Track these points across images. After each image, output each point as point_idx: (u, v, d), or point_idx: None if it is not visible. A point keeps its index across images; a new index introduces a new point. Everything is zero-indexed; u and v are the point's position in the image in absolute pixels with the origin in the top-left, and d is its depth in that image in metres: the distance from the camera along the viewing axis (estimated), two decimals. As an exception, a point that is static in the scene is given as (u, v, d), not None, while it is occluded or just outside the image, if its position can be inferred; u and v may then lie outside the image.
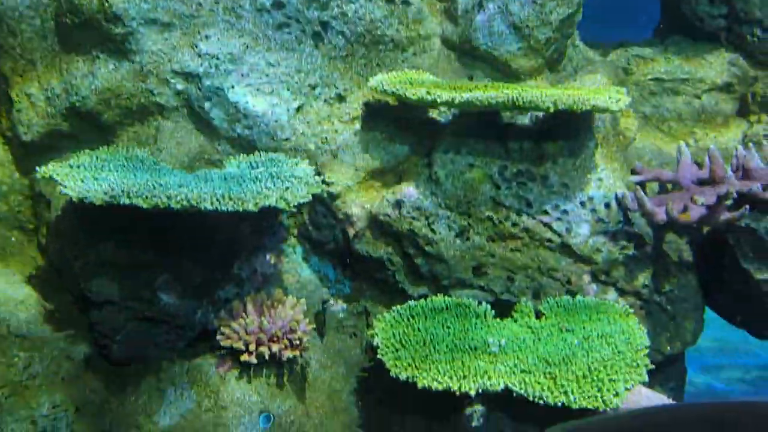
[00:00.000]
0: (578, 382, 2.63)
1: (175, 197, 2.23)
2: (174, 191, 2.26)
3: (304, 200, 2.58)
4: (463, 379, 2.62)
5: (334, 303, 3.29)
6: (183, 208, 2.27)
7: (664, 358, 3.34)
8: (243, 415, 2.76)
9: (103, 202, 2.24)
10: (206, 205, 2.27)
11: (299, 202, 2.56)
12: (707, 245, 3.35)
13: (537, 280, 3.19)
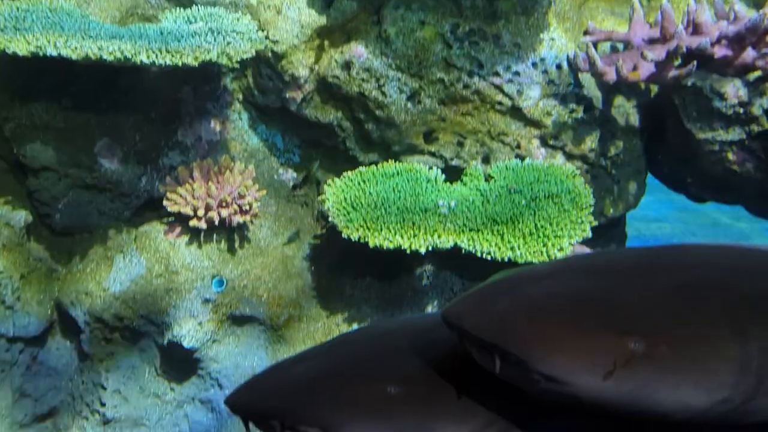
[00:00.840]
0: (525, 238, 2.70)
1: (108, 48, 2.07)
2: (106, 42, 2.10)
3: (247, 56, 2.46)
4: (413, 238, 2.66)
5: None
6: (117, 61, 2.12)
7: (606, 221, 3.45)
8: (195, 280, 2.76)
9: (28, 53, 2.07)
10: (142, 59, 2.13)
11: (242, 57, 2.44)
12: (653, 108, 3.39)
13: (487, 145, 3.19)
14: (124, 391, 2.69)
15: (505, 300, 1.46)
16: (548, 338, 1.34)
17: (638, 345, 1.37)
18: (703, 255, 1.86)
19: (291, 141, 3.30)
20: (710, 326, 1.47)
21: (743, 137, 2.93)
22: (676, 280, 1.58)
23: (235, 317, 2.80)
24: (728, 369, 1.44)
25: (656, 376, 1.40)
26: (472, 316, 1.41)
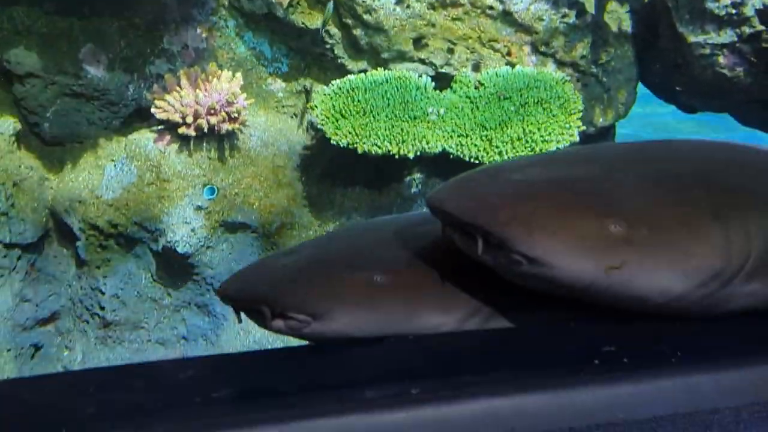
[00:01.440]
0: (512, 143, 2.72)
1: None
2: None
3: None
4: (402, 144, 2.68)
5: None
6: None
7: (596, 130, 3.47)
8: (186, 188, 2.79)
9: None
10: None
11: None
12: (646, 13, 3.34)
13: (477, 52, 3.16)
14: (122, 295, 2.77)
15: (488, 184, 1.48)
16: (529, 219, 1.35)
17: (618, 227, 1.39)
18: (689, 148, 1.89)
19: (279, 50, 3.26)
20: (690, 212, 1.49)
21: (734, 40, 2.90)
22: (661, 169, 1.60)
23: (227, 224, 2.85)
24: (706, 253, 1.48)
25: (635, 259, 1.42)
26: (455, 199, 1.42)
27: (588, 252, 1.38)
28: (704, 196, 1.54)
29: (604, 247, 1.38)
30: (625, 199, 1.47)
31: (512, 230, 1.32)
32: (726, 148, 1.95)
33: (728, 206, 1.55)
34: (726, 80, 3.02)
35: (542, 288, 1.44)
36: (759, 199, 1.67)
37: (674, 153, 1.80)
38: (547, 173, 1.54)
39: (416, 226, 1.51)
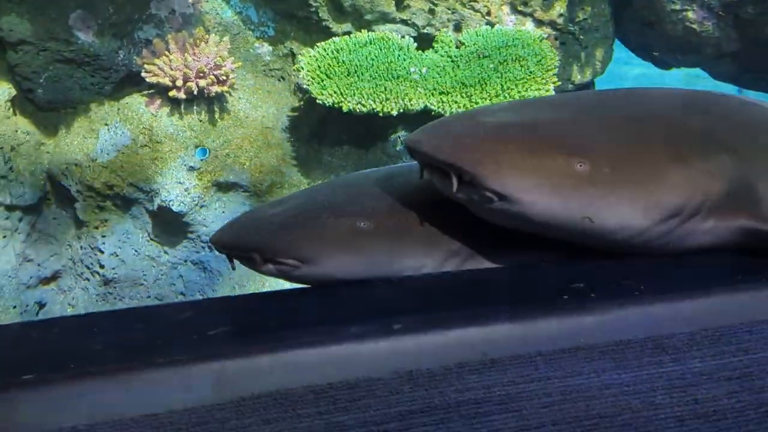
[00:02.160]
0: (492, 99, 2.84)
1: None
2: None
3: None
4: (385, 101, 2.78)
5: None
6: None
7: (574, 87, 3.58)
8: (179, 149, 2.90)
9: None
10: None
11: None
12: (622, -27, 3.44)
13: (458, 12, 3.25)
14: (121, 254, 2.89)
15: (462, 126, 1.58)
16: (499, 157, 1.45)
17: (583, 166, 1.49)
18: (655, 94, 2.01)
19: (265, 14, 3.33)
20: (651, 152, 1.61)
21: (704, -5, 3.01)
22: (625, 114, 1.71)
23: (219, 184, 2.96)
24: (665, 191, 1.60)
25: (599, 194, 1.52)
26: (431, 140, 1.52)
27: (554, 189, 1.47)
28: (665, 138, 1.66)
29: (570, 184, 1.49)
30: (590, 140, 1.59)
31: (483, 168, 1.43)
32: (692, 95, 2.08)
33: (688, 148, 1.68)
34: (696, 35, 3.14)
35: (514, 225, 1.55)
36: (718, 141, 1.80)
37: (640, 99, 1.93)
38: (519, 117, 1.66)
39: (398, 176, 1.62)
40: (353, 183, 1.91)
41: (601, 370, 1.11)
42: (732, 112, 2.02)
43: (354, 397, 1.04)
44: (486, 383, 1.06)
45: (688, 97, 2.10)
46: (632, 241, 1.64)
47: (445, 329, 1.18)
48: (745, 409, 0.99)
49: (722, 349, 1.16)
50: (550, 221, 1.53)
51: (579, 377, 1.10)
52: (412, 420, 0.96)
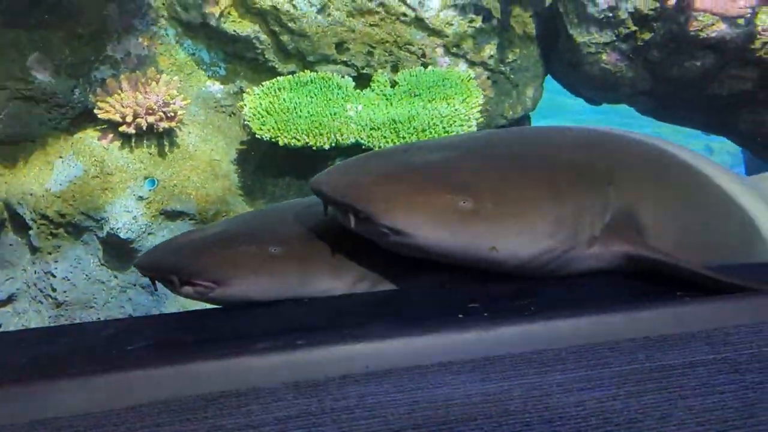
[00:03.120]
0: (418, 134, 3.08)
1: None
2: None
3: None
4: (319, 136, 3.02)
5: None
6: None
7: (507, 121, 3.85)
8: (128, 180, 3.11)
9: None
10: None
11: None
12: (548, 17, 3.72)
13: (395, 54, 3.52)
14: (73, 278, 3.08)
15: (358, 169, 1.77)
16: (390, 197, 1.65)
17: (467, 203, 1.70)
18: (545, 134, 2.23)
19: (216, 55, 3.59)
20: (534, 188, 1.81)
21: (614, 39, 3.29)
22: (512, 152, 1.92)
23: (167, 212, 3.17)
24: (547, 223, 1.79)
25: (485, 229, 1.71)
26: (329, 182, 1.70)
27: (442, 224, 1.62)
28: (547, 174, 1.85)
29: (456, 219, 1.65)
30: (474, 179, 1.78)
31: (375, 207, 1.55)
32: (579, 133, 2.31)
33: (570, 182, 1.87)
34: (611, 75, 3.41)
35: (413, 255, 1.74)
36: (601, 175, 2.01)
37: (528, 139, 2.15)
38: (412, 159, 1.86)
39: (315, 206, 1.70)
40: (271, 213, 2.11)
41: (468, 382, 1.26)
42: (615, 148, 2.26)
43: (240, 404, 1.17)
44: (361, 393, 1.19)
45: (574, 135, 2.34)
46: (523, 267, 1.85)
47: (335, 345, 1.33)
48: (588, 416, 1.10)
49: (583, 363, 1.31)
50: (444, 252, 1.74)
51: (446, 387, 1.24)
52: (287, 423, 1.07)
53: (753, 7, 2.64)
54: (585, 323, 1.54)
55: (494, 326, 1.42)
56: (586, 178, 1.93)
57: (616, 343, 1.40)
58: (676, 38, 3.15)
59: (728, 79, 3.24)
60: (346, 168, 1.76)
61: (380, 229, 1.58)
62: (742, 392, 1.26)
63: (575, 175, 1.92)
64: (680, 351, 1.39)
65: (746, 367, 1.34)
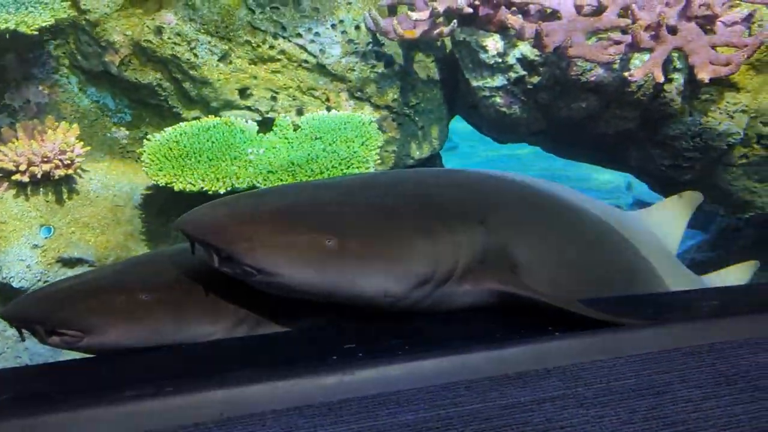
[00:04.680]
0: (316, 176, 3.15)
1: None
2: None
3: (46, 24, 2.76)
4: (215, 181, 3.06)
5: None
6: None
7: (415, 161, 3.95)
8: (23, 229, 3.08)
9: None
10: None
11: (42, 26, 2.73)
12: (449, 62, 3.88)
13: (299, 99, 3.61)
14: (-35, 329, 3.01)
15: (224, 208, 1.78)
16: (252, 236, 1.66)
17: (332, 242, 1.73)
18: (418, 176, 2.31)
19: (121, 101, 3.62)
20: (401, 227, 1.86)
21: (505, 83, 3.45)
22: (382, 193, 1.99)
23: (64, 260, 3.14)
24: (416, 261, 1.84)
25: (351, 268, 1.75)
26: (193, 221, 1.70)
27: (308, 263, 1.61)
28: (415, 214, 1.90)
29: (322, 259, 1.62)
30: (342, 218, 1.82)
31: (236, 246, 1.55)
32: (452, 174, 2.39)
33: (439, 222, 1.93)
34: (506, 116, 3.56)
35: (285, 294, 1.76)
36: (471, 215, 2.08)
37: (404, 179, 2.22)
38: (281, 198, 1.90)
39: (188, 250, 1.66)
40: (147, 258, 2.10)
41: (319, 426, 1.29)
42: (489, 188, 2.35)
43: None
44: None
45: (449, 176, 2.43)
46: (396, 305, 1.88)
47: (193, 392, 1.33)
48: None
49: (437, 403, 1.36)
50: (313, 291, 1.76)
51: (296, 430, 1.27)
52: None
53: (622, 53, 2.81)
54: (448, 363, 1.56)
55: (357, 368, 1.45)
56: (458, 217, 2.00)
57: (474, 382, 1.45)
58: (560, 82, 3.32)
59: (612, 119, 3.42)
60: (212, 207, 1.76)
61: (244, 269, 1.57)
62: (582, 427, 1.33)
63: (447, 214, 1.99)
64: (533, 387, 1.45)
65: (591, 402, 1.42)
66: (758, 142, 3.41)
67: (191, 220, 1.70)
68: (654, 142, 3.50)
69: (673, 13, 2.83)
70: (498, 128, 3.76)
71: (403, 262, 1.80)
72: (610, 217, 2.54)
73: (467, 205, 2.09)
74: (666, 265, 2.61)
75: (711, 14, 2.82)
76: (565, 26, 2.93)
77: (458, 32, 3.53)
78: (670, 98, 3.24)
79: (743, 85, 3.25)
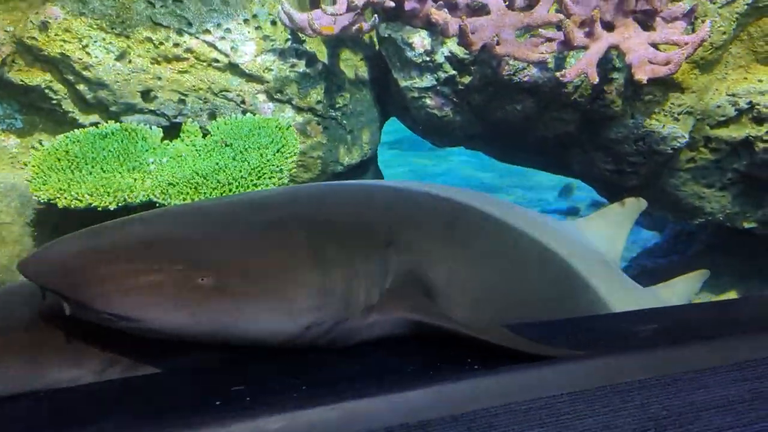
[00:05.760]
0: (220, 188, 2.82)
1: None
2: None
3: None
4: (104, 196, 2.71)
5: None
6: None
7: (344, 168, 3.65)
8: None
9: None
10: None
11: None
12: (379, 61, 3.58)
13: (210, 102, 3.27)
14: None
15: (73, 245, 1.51)
16: (106, 279, 1.38)
17: (206, 279, 1.45)
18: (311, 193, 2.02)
19: (10, 106, 3.23)
20: (288, 256, 1.58)
21: (434, 83, 3.16)
22: (267, 217, 1.69)
23: (-66, 288, 2.76)
24: (308, 295, 1.57)
25: (232, 307, 1.48)
26: (35, 263, 1.44)
27: (178, 305, 1.42)
28: (311, 240, 1.63)
29: (195, 298, 1.43)
30: (217, 250, 1.54)
31: (85, 292, 1.34)
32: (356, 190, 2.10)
33: (333, 249, 1.65)
34: (438, 119, 3.28)
35: (158, 338, 1.48)
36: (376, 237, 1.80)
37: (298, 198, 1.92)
38: (143, 229, 1.59)
39: None
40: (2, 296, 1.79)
41: None
42: (399, 205, 2.05)
43: None
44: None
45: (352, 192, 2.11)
46: (292, 342, 1.59)
47: None
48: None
49: None
50: (189, 336, 1.48)
51: None
52: None
53: (555, 52, 2.54)
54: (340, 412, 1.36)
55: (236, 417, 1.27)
56: (361, 240, 1.76)
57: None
58: (492, 82, 3.05)
59: (551, 121, 3.16)
60: (60, 245, 1.55)
61: (101, 316, 1.36)
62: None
63: (347, 237, 1.75)
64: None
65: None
66: (705, 145, 3.19)
67: (34, 260, 1.49)
68: (596, 145, 3.25)
69: (609, 8, 2.57)
70: (431, 131, 3.48)
71: (292, 298, 1.59)
72: (541, 229, 2.33)
73: (371, 225, 1.85)
74: (605, 279, 2.44)
75: (650, 9, 2.57)
76: (493, 22, 2.65)
77: (383, 28, 3.23)
78: (610, 99, 2.99)
79: (688, 85, 3.02)
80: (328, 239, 1.67)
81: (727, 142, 3.10)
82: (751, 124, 3.02)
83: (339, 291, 1.61)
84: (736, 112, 3.01)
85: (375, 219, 1.85)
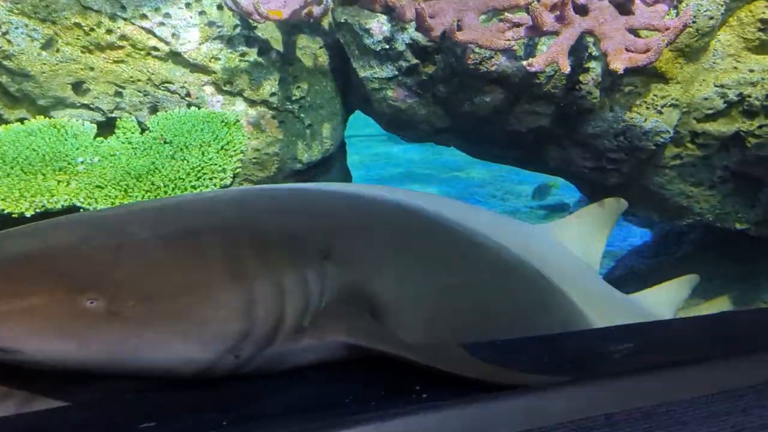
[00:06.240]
0: (153, 191, 2.54)
1: None
2: None
3: None
4: (19, 201, 2.43)
5: None
6: None
7: (303, 165, 3.36)
8: None
9: None
10: None
11: None
12: (339, 49, 3.29)
13: (152, 95, 2.98)
14: None
15: None
16: None
17: (96, 302, 1.26)
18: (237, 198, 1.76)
19: (-71, 100, 2.94)
20: (201, 273, 1.34)
21: (396, 74, 2.88)
22: (178, 226, 1.43)
23: None
24: (223, 318, 1.33)
25: (129, 334, 1.27)
26: None
27: (63, 333, 1.26)
28: (230, 254, 1.38)
29: (82, 325, 1.25)
30: (113, 267, 1.31)
31: None
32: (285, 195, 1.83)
33: (255, 262, 1.40)
34: (403, 113, 3.00)
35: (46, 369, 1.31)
36: (310, 250, 1.54)
37: (218, 204, 1.65)
38: (23, 243, 1.35)
39: None
40: None
41: None
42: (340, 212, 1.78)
43: None
44: None
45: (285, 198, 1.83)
46: (208, 372, 1.39)
47: None
48: None
49: None
50: (80, 366, 1.30)
51: None
52: None
53: (523, 38, 2.26)
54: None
55: None
56: (290, 251, 1.54)
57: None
58: (457, 72, 2.77)
59: (523, 114, 2.89)
60: None
61: None
62: None
63: (272, 248, 1.52)
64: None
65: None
66: (692, 140, 2.92)
67: None
68: (573, 141, 2.98)
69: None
70: (396, 125, 3.20)
71: (203, 321, 1.36)
72: (507, 234, 2.09)
73: (304, 234, 1.62)
74: (579, 288, 2.23)
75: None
76: (455, 5, 2.37)
77: (339, 12, 2.94)
78: (586, 90, 2.71)
79: (672, 76, 2.74)
80: (249, 251, 1.46)
81: (716, 137, 2.84)
82: (741, 117, 2.75)
83: (262, 311, 1.43)
84: (726, 105, 2.74)
85: (309, 227, 1.63)
